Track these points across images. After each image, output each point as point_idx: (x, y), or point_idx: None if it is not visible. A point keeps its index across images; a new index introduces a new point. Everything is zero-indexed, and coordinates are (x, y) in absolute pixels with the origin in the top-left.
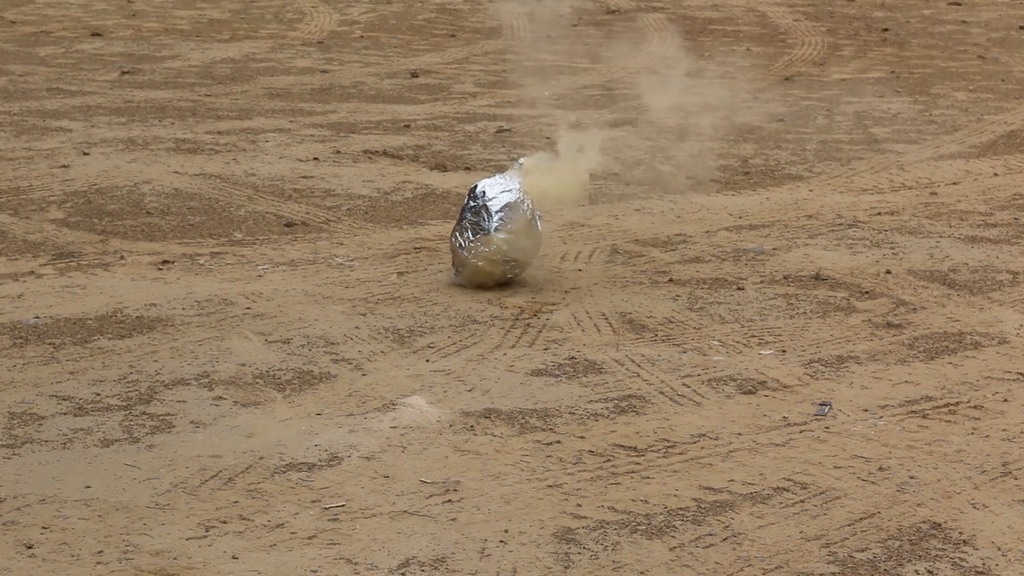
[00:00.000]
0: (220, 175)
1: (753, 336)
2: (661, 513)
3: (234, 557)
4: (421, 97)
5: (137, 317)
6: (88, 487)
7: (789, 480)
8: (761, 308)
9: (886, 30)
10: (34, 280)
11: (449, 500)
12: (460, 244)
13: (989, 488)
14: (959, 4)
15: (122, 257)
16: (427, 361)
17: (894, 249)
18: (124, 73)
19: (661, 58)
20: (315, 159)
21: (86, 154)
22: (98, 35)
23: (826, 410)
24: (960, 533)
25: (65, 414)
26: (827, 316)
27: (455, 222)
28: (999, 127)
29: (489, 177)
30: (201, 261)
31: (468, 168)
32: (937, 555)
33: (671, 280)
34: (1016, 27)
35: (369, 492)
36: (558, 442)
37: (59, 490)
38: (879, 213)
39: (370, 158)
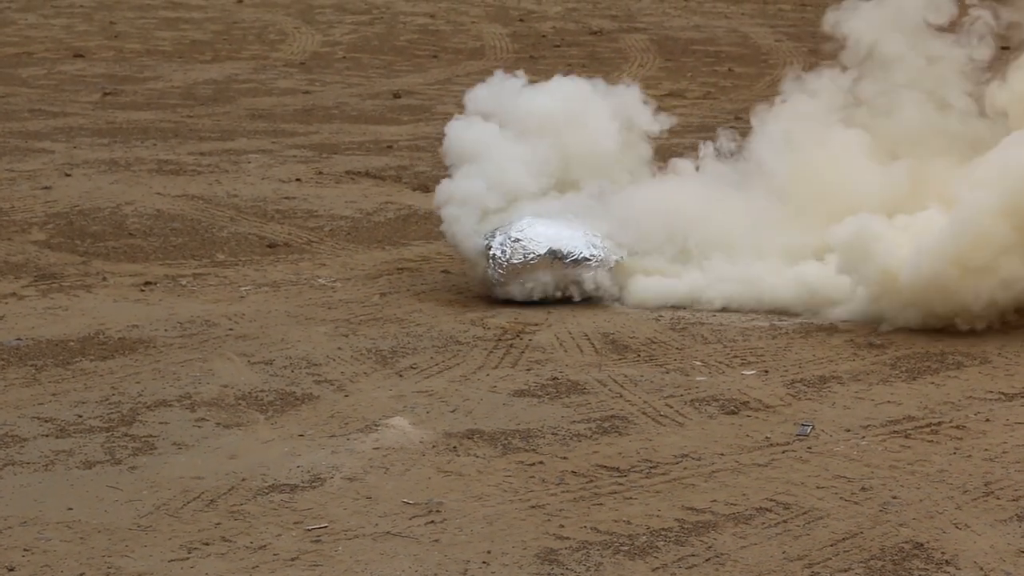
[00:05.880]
0: (202, 196)
1: (735, 356)
2: (644, 534)
3: None
4: (403, 118)
5: (119, 339)
6: (70, 509)
7: (772, 500)
8: (743, 328)
9: None
10: (16, 301)
11: (432, 521)
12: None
13: (971, 508)
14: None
15: (104, 278)
16: (401, 377)
17: None
18: (106, 94)
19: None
20: (297, 180)
21: (68, 175)
22: (80, 56)
23: (808, 430)
24: (943, 553)
25: (47, 436)
26: (809, 336)
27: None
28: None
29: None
30: (183, 282)
31: None
32: (919, 575)
33: None
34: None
35: (352, 513)
36: (541, 463)
37: (41, 512)
38: None
39: (352, 179)
